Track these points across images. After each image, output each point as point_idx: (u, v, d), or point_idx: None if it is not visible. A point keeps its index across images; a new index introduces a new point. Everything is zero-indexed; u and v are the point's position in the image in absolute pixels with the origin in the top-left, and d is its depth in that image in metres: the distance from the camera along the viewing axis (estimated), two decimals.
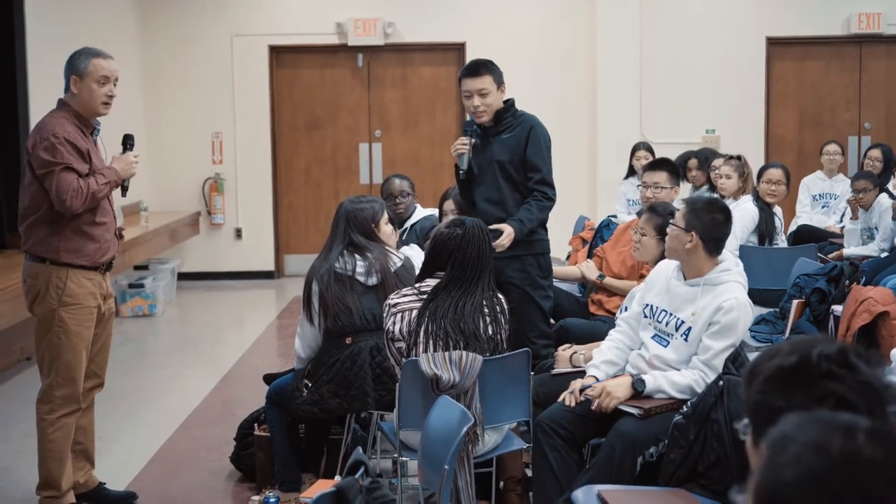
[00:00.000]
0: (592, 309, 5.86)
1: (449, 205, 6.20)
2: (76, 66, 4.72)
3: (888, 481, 1.39)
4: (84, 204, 4.63)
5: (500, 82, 5.38)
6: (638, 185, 6.37)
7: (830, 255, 7.76)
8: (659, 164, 6.22)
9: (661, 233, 4.87)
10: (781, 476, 1.42)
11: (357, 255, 4.84)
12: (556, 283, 5.81)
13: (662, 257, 4.70)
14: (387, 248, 4.96)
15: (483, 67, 5.39)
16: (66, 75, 4.77)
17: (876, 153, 9.25)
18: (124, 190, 4.94)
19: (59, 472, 4.79)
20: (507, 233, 5.17)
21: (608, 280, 5.82)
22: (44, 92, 8.76)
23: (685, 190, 8.57)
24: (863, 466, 1.40)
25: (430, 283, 4.33)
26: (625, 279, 5.76)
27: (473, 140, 5.38)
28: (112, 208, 4.90)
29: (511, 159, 5.36)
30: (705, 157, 8.38)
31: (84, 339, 4.79)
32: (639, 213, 6.00)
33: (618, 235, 6.11)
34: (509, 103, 5.43)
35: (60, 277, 4.69)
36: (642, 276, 5.34)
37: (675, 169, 6.20)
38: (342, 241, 4.87)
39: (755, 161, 9.18)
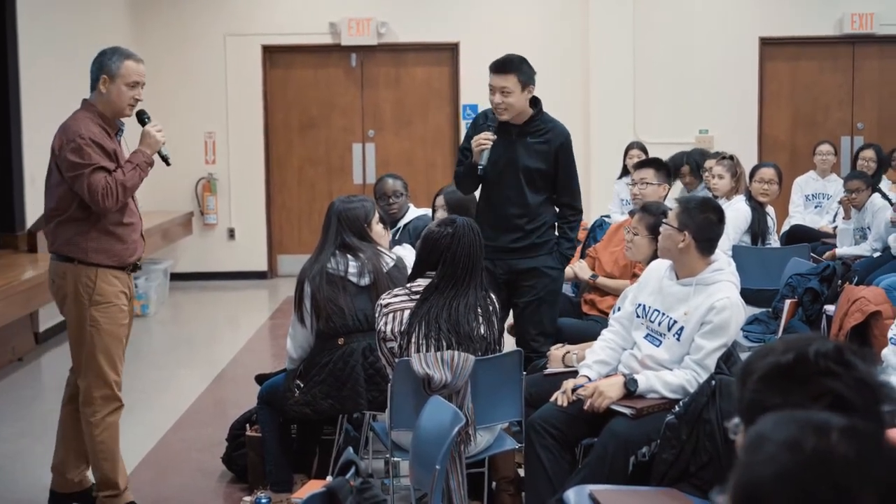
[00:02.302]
0: (585, 309, 5.86)
1: (440, 201, 6.21)
2: (108, 66, 4.68)
3: (861, 477, 1.41)
4: (118, 199, 4.62)
5: (525, 83, 5.30)
6: (628, 184, 6.38)
7: (823, 255, 7.77)
8: (646, 162, 6.27)
9: (653, 232, 4.87)
10: (757, 474, 1.43)
11: (349, 256, 4.83)
12: None
13: (655, 257, 4.70)
14: (379, 248, 4.95)
15: (510, 66, 5.29)
16: (94, 74, 4.71)
17: (869, 153, 9.26)
18: (165, 160, 4.93)
19: (113, 471, 4.79)
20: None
21: (601, 280, 5.82)
22: (37, 93, 8.76)
23: (677, 190, 8.56)
24: (836, 464, 1.41)
25: (422, 283, 4.32)
26: (617, 278, 5.76)
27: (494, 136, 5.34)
28: (137, 209, 4.88)
29: (539, 168, 5.37)
30: (696, 163, 8.36)
31: (117, 337, 4.77)
32: (631, 213, 6.00)
33: (610, 235, 6.11)
34: (538, 106, 5.41)
35: (89, 277, 4.67)
36: (635, 276, 5.35)
37: (663, 166, 6.20)
38: (334, 242, 4.86)
39: (748, 161, 9.19)
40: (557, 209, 5.54)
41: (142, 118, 4.94)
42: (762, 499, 1.42)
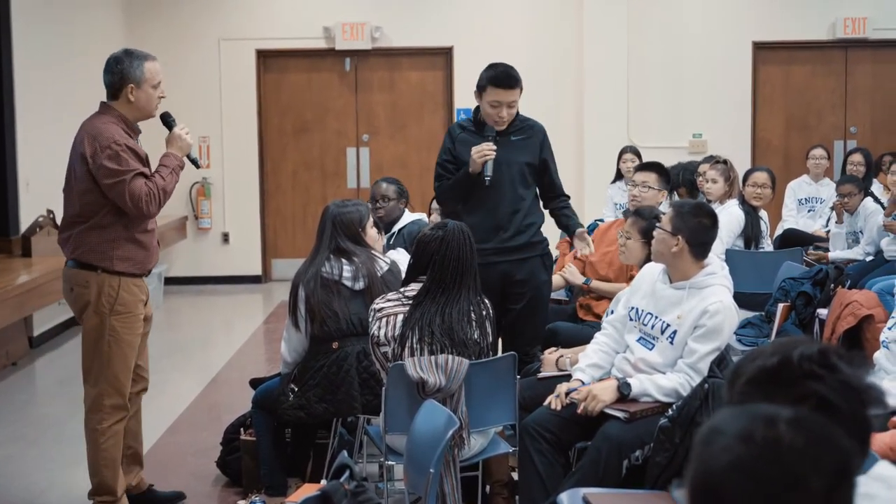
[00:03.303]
0: (581, 314, 5.85)
1: (436, 205, 6.23)
2: (131, 74, 4.64)
3: (810, 464, 1.49)
4: (160, 205, 4.65)
5: (521, 91, 5.39)
6: (627, 186, 6.37)
7: (812, 255, 7.81)
8: (649, 166, 6.23)
9: (646, 236, 4.89)
10: (712, 465, 1.51)
11: (344, 260, 4.83)
12: None
13: (648, 260, 4.72)
14: (373, 252, 4.96)
15: (516, 80, 5.32)
16: (116, 83, 4.66)
17: (857, 157, 9.30)
18: (195, 163, 4.98)
19: (113, 478, 4.80)
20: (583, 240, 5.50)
21: (595, 283, 5.81)
22: (31, 97, 8.76)
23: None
24: (785, 451, 1.49)
25: (415, 287, 4.32)
26: (612, 280, 5.76)
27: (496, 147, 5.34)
28: None
29: (528, 161, 5.43)
30: (691, 182, 8.34)
31: (134, 347, 4.77)
32: (625, 215, 6.00)
33: (600, 236, 6.07)
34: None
35: (112, 286, 4.65)
36: (632, 277, 5.36)
37: (666, 172, 6.19)
38: (328, 246, 4.87)
39: (742, 165, 9.20)
40: (551, 201, 5.59)
41: (168, 121, 4.92)
42: (717, 488, 1.50)
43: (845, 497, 1.53)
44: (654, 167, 6.16)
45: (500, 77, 5.32)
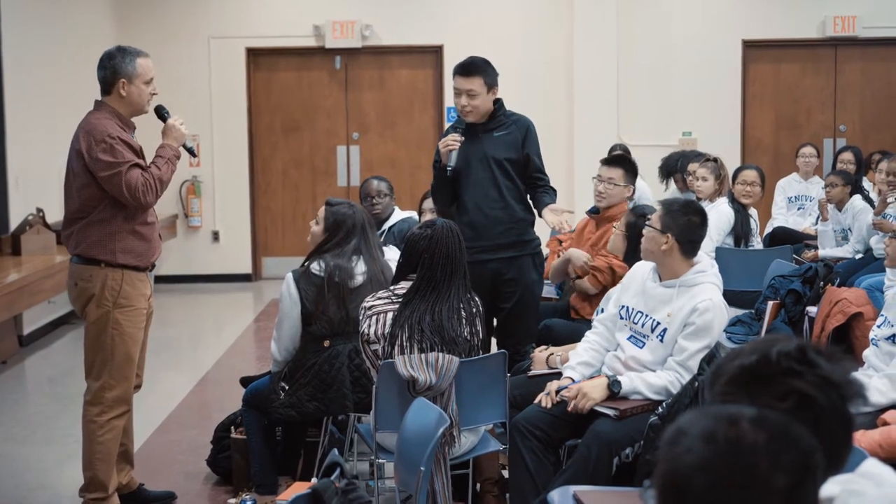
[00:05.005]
0: (573, 313, 5.83)
1: (428, 203, 6.21)
2: (123, 69, 4.69)
3: (769, 461, 1.52)
4: (157, 194, 4.69)
5: (491, 84, 5.34)
6: (593, 178, 6.24)
7: (807, 256, 7.83)
8: (616, 161, 6.07)
9: (628, 230, 4.94)
10: (677, 465, 1.54)
11: (354, 257, 4.85)
12: None
13: (628, 253, 4.74)
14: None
15: (475, 68, 5.32)
16: (108, 79, 4.71)
17: (847, 156, 9.33)
18: (191, 152, 5.01)
19: (107, 474, 4.80)
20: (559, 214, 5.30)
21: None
22: (20, 95, 8.73)
23: (670, 193, 8.60)
24: (745, 450, 1.53)
25: (405, 285, 4.33)
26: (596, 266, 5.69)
27: (462, 138, 5.35)
28: (154, 208, 4.90)
29: (509, 157, 5.39)
30: (685, 167, 8.35)
31: (137, 340, 4.80)
32: (590, 212, 5.93)
33: (576, 237, 6.01)
34: (499, 102, 5.44)
35: (115, 279, 4.69)
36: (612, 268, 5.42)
37: (633, 168, 6.03)
38: (358, 244, 4.85)
39: (731, 163, 9.22)
40: (535, 189, 5.50)
41: (161, 113, 4.97)
42: (683, 487, 1.53)
43: (808, 493, 1.55)
44: (620, 162, 5.99)
45: (460, 65, 5.36)
